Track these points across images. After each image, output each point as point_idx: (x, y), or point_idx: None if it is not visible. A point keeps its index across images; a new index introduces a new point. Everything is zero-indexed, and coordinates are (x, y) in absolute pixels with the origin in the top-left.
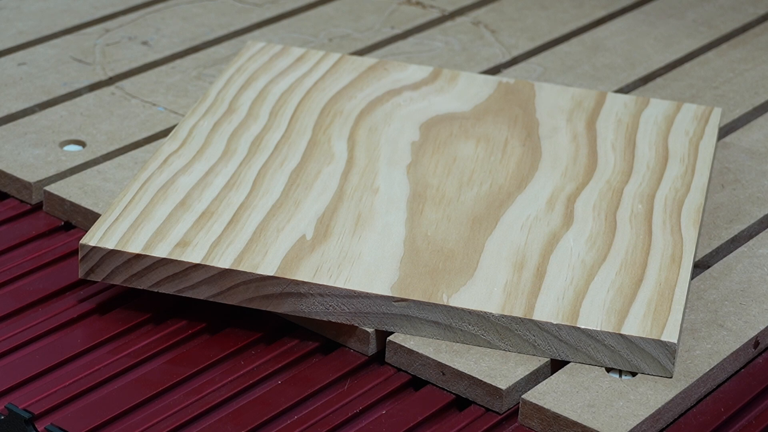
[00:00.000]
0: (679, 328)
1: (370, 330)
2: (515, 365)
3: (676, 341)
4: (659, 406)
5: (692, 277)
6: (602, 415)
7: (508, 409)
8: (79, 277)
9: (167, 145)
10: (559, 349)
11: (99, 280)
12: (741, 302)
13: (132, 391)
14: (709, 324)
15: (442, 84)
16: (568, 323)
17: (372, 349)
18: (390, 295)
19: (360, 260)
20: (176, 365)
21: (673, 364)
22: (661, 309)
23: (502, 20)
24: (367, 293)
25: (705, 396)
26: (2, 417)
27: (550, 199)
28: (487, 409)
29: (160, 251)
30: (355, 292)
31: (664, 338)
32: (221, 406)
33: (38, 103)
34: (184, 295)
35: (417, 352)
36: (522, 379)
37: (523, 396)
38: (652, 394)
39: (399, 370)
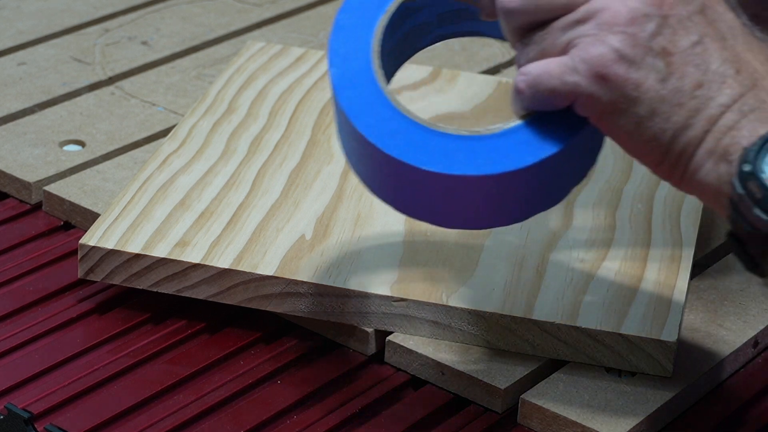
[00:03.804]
0: (678, 328)
1: (369, 330)
2: (515, 365)
3: (675, 341)
4: (659, 405)
5: (692, 277)
6: (602, 415)
7: (508, 409)
8: (79, 277)
9: (167, 145)
10: (559, 348)
11: (98, 280)
12: (740, 302)
13: (132, 391)
14: (709, 324)
15: (441, 84)
16: (567, 323)
17: (371, 348)
18: (389, 294)
19: (359, 260)
20: (176, 365)
21: (673, 363)
22: (660, 309)
23: None
24: (367, 293)
25: (705, 396)
26: (2, 417)
27: None
28: (487, 409)
29: (160, 251)
30: (354, 291)
31: (663, 338)
32: (221, 406)
33: (38, 103)
34: (183, 294)
35: (416, 352)
36: (522, 378)
37: (522, 396)
38: (652, 394)
39: (398, 369)
